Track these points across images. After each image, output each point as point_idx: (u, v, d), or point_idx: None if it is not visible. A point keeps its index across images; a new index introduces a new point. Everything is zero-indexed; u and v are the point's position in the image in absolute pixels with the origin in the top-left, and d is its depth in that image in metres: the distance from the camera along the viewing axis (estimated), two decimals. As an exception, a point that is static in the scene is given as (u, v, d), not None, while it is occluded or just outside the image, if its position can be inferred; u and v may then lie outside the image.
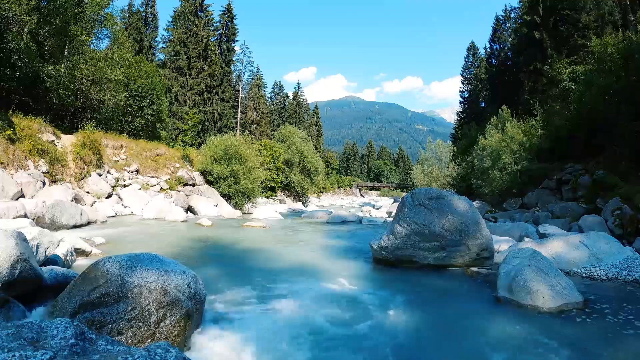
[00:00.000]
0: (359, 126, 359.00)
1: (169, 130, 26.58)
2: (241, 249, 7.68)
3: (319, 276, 5.22)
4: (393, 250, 5.79)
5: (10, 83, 13.08)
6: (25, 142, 11.47)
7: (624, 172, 11.27)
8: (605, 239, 5.83)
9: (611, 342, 3.10)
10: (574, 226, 9.62)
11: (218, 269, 5.51)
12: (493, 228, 8.81)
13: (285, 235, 10.04)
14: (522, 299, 3.89)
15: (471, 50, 43.44)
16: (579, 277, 5.08)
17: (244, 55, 45.23)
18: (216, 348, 2.91)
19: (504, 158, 19.91)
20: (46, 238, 4.74)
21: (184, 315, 2.89)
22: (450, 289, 4.86)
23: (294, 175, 34.16)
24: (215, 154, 19.58)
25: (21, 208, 7.68)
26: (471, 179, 24.67)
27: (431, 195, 5.96)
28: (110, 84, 17.23)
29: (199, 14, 36.10)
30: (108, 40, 19.26)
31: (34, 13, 12.91)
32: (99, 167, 14.37)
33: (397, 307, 3.99)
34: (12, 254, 3.22)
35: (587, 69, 16.57)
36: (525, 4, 27.27)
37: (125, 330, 2.61)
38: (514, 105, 25.35)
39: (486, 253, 5.76)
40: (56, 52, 15.47)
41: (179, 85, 32.83)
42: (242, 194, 19.11)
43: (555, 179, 15.41)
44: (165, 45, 35.21)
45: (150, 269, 3.04)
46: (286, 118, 57.35)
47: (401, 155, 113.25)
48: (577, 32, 22.39)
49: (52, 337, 1.50)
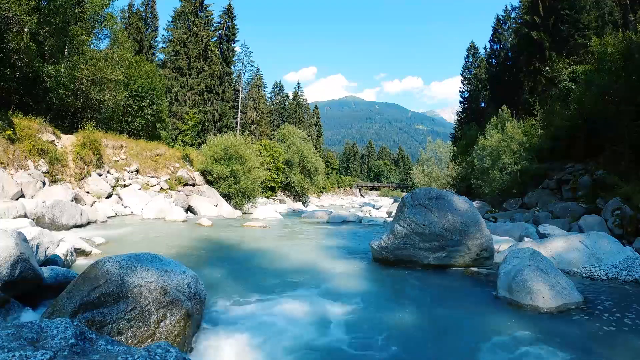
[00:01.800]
0: (359, 126, 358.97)
1: (169, 130, 26.57)
2: (241, 249, 7.68)
3: (319, 276, 5.22)
4: (393, 250, 5.79)
5: (10, 83, 13.07)
6: (25, 142, 11.47)
7: (624, 172, 11.27)
8: (605, 239, 5.82)
9: (611, 342, 3.10)
10: (574, 226, 9.62)
11: (218, 269, 5.51)
12: (493, 228, 8.81)
13: (285, 235, 10.04)
14: (522, 298, 3.89)
15: (471, 50, 43.43)
16: (579, 277, 5.08)
17: (244, 55, 45.25)
18: (216, 348, 2.91)
19: (504, 158, 19.91)
20: (46, 238, 4.74)
21: (184, 315, 2.88)
22: (450, 289, 4.86)
23: (294, 175, 34.16)
24: (215, 154, 19.59)
25: (21, 208, 7.67)
26: (471, 179, 24.68)
27: (431, 195, 5.96)
28: (110, 84, 17.23)
29: (199, 14, 36.10)
30: (108, 40, 19.26)
31: (34, 13, 12.90)
32: (99, 167, 14.37)
33: (397, 307, 3.99)
34: (12, 254, 3.22)
35: (587, 69, 16.56)
36: (525, 4, 27.27)
37: (125, 330, 2.61)
38: (514, 105, 25.38)
39: (486, 253, 5.76)
40: (56, 52, 15.47)
41: (179, 85, 32.83)
42: (242, 194, 19.12)
43: (555, 179, 15.41)
44: (165, 45, 35.22)
45: (150, 269, 3.04)
46: (286, 118, 57.35)
47: (401, 155, 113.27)
48: (577, 32, 22.41)
49: (52, 337, 1.50)
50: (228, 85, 38.83)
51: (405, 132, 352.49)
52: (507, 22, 35.45)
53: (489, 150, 21.67)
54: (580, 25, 22.28)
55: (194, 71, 34.08)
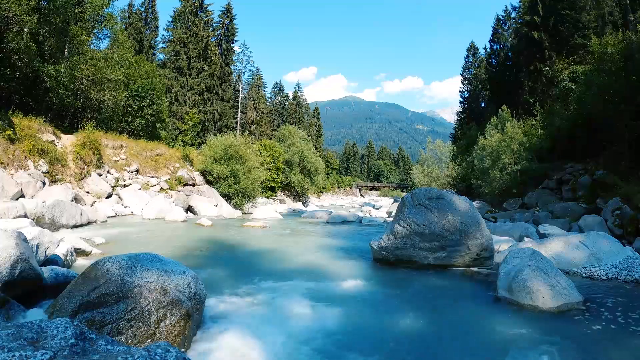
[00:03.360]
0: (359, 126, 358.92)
1: (169, 130, 26.57)
2: (241, 249, 7.67)
3: (319, 276, 5.22)
4: (393, 250, 5.79)
5: (10, 83, 13.08)
6: (25, 142, 11.47)
7: (624, 172, 11.27)
8: (605, 239, 5.82)
9: (611, 342, 3.10)
10: (574, 226, 9.62)
11: (218, 268, 5.51)
12: (493, 228, 8.81)
13: (285, 235, 10.03)
14: (522, 298, 3.89)
15: (471, 50, 43.44)
16: (579, 277, 5.07)
17: (244, 55, 45.25)
18: (216, 348, 2.91)
19: (504, 158, 19.92)
20: (46, 238, 4.74)
21: (184, 315, 2.88)
22: (450, 289, 4.86)
23: (294, 175, 34.16)
24: (215, 154, 19.58)
25: (21, 208, 7.67)
26: (471, 179, 24.69)
27: (431, 195, 5.96)
28: (110, 84, 17.23)
29: (199, 14, 36.10)
30: (108, 40, 19.29)
31: (34, 13, 12.91)
32: (99, 167, 14.36)
33: (397, 307, 3.99)
34: (12, 254, 3.22)
35: (587, 69, 16.57)
36: (525, 4, 27.27)
37: (125, 330, 2.61)
38: (514, 105, 25.37)
39: (486, 253, 5.75)
40: (56, 52, 15.48)
41: (179, 85, 32.83)
42: (242, 194, 19.11)
43: (555, 179, 15.42)
44: (165, 45, 35.23)
45: (150, 269, 3.04)
46: (286, 118, 57.31)
47: (401, 155, 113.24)
48: (577, 32, 22.41)
49: (52, 337, 1.50)
50: (228, 85, 38.83)
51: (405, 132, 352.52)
52: (507, 22, 35.47)
53: (489, 150, 21.68)
54: (580, 25, 22.29)
55: (194, 71, 34.08)
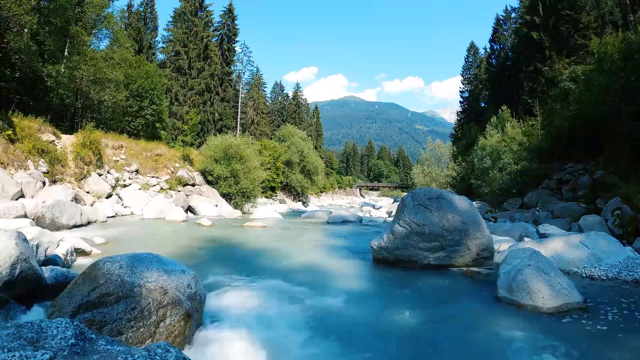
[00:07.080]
0: (359, 126, 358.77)
1: (169, 130, 26.58)
2: (241, 249, 7.68)
3: (319, 276, 5.22)
4: (393, 250, 5.79)
5: (10, 83, 13.07)
6: (25, 142, 11.47)
7: (624, 172, 11.27)
8: (605, 239, 5.83)
9: (611, 342, 3.10)
10: (574, 226, 9.62)
11: (218, 269, 5.51)
12: (493, 228, 8.81)
13: (285, 235, 10.04)
14: (522, 299, 3.89)
15: (471, 50, 43.42)
16: (579, 277, 5.08)
17: (244, 55, 45.21)
18: (216, 348, 2.91)
19: (504, 158, 19.93)
20: (46, 238, 4.74)
21: (184, 315, 2.89)
22: (450, 289, 4.86)
23: (294, 175, 34.15)
24: (215, 154, 19.58)
25: (21, 208, 7.68)
26: (471, 179, 24.70)
27: (431, 195, 5.96)
28: (110, 84, 17.23)
29: (199, 14, 36.08)
30: (108, 40, 19.28)
31: (34, 13, 12.89)
32: (99, 167, 14.36)
33: (397, 307, 3.99)
34: (12, 254, 3.22)
35: (587, 69, 16.58)
36: (525, 4, 27.27)
37: (125, 330, 2.61)
38: (514, 105, 25.37)
39: (486, 253, 5.76)
40: (56, 52, 15.46)
41: (179, 85, 32.82)
42: (242, 194, 19.11)
43: (555, 179, 15.41)
44: (165, 45, 35.20)
45: (150, 269, 3.04)
46: (286, 118, 57.29)
47: (401, 155, 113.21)
48: (577, 32, 22.41)
49: (52, 337, 1.50)
50: (228, 85, 38.82)
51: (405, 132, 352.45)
52: (507, 23, 35.46)
53: (489, 150, 21.69)
54: (580, 25, 22.29)
55: (194, 71, 34.06)
